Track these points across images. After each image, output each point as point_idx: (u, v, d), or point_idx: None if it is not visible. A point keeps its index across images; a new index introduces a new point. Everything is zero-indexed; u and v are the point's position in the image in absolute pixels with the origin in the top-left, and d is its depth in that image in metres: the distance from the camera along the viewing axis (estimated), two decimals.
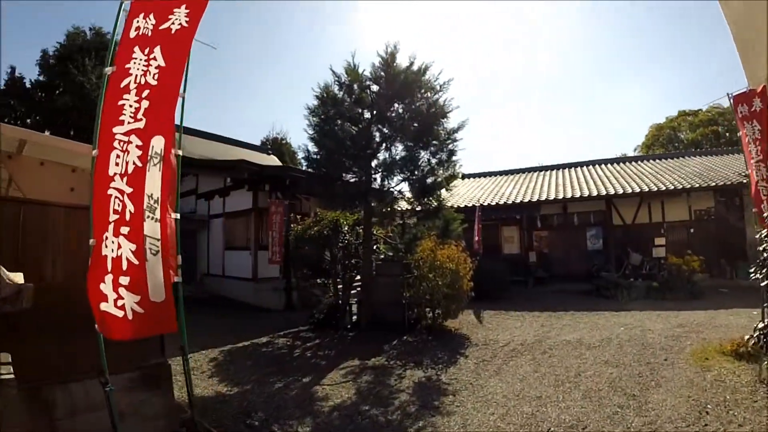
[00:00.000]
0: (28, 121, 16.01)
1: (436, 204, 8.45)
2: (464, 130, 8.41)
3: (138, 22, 3.03)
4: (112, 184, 2.75)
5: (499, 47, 71.72)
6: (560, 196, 15.60)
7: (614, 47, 62.71)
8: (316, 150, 8.91)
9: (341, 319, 9.36)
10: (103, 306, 2.68)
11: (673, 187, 14.09)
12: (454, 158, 8.37)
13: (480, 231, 14.10)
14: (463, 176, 21.91)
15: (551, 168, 20.53)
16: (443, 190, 8.56)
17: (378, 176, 8.92)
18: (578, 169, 19.55)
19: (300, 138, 53.35)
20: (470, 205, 15.76)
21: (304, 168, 11.31)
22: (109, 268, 2.69)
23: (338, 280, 9.89)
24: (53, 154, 4.09)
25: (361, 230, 9.49)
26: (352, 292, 9.97)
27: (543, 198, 15.78)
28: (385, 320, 8.92)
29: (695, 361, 5.92)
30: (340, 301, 9.67)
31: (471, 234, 13.75)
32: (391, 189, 8.86)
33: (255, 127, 67.61)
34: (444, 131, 8.21)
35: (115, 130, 2.82)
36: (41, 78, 16.75)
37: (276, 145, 26.43)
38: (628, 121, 61.60)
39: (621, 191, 14.65)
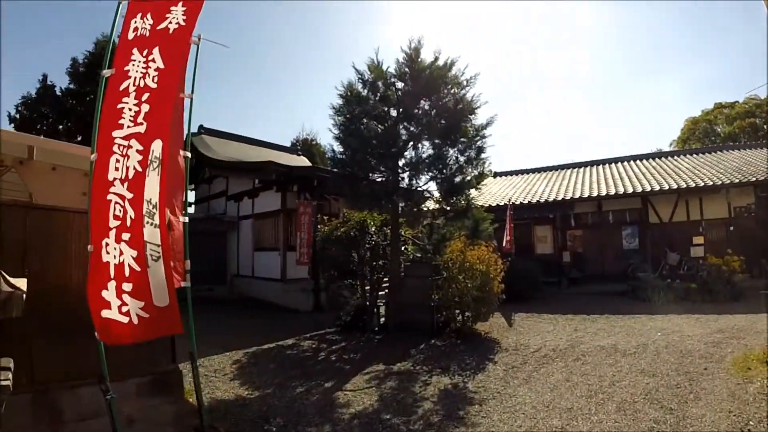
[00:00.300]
0: (60, 128, 16.66)
1: (464, 203, 8.13)
2: (493, 127, 8.09)
3: (136, 22, 2.97)
4: (112, 189, 2.70)
5: (526, 44, 70.06)
6: (594, 194, 14.98)
7: (646, 39, 60.47)
8: (341, 149, 8.76)
9: (368, 321, 9.17)
10: (106, 313, 2.62)
11: (711, 183, 13.29)
12: (483, 156, 8.05)
13: (512, 231, 13.64)
14: (495, 174, 21.40)
15: (585, 165, 19.80)
16: (472, 189, 8.23)
17: (405, 175, 8.69)
18: (613, 165, 18.77)
19: (329, 138, 53.81)
20: (502, 204, 15.31)
21: (330, 168, 11.19)
22: (112, 275, 2.64)
23: (365, 281, 9.71)
24: (64, 159, 4.06)
25: (388, 231, 9.28)
26: (380, 293, 9.77)
27: (577, 196, 15.19)
28: (413, 323, 8.67)
29: (737, 370, 5.47)
30: (367, 303, 9.48)
31: (502, 234, 13.32)
32: (419, 188, 8.60)
33: (285, 129, 68.66)
34: (472, 128, 7.89)
35: (115, 134, 2.76)
36: (72, 86, 17.37)
37: (306, 146, 26.56)
38: (662, 115, 59.08)
39: (657, 188, 13.97)
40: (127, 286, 2.61)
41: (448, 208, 8.34)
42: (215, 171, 16.06)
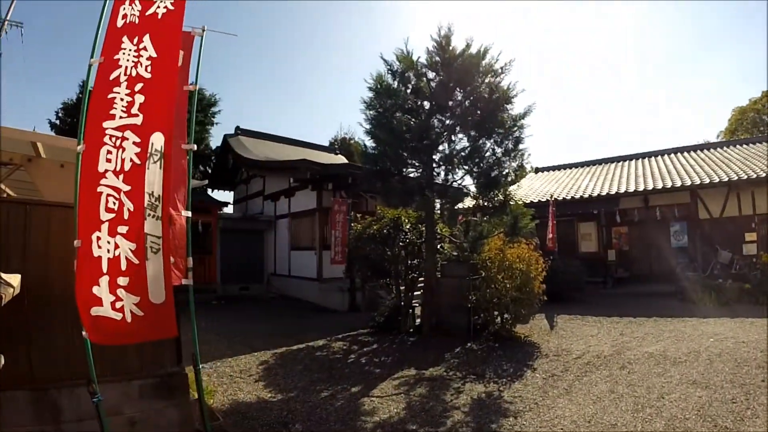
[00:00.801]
0: None
1: (502, 198, 7.59)
2: (531, 117, 7.52)
3: (124, 9, 2.85)
4: (103, 182, 2.59)
5: (566, 35, 67.44)
6: (641, 188, 14.00)
7: (689, 24, 56.70)
8: (373, 145, 8.44)
9: (402, 322, 8.80)
10: (96, 311, 2.50)
11: (765, 175, 12.04)
12: (521, 147, 7.48)
13: (554, 228, 12.88)
14: (537, 170, 20.54)
15: (630, 158, 18.63)
16: (510, 183, 7.68)
17: (440, 170, 8.27)
18: (659, 158, 17.58)
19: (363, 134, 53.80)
20: (544, 199, 14.54)
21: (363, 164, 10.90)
22: (105, 270, 2.52)
23: (400, 281, 9.35)
24: (73, 157, 3.95)
25: (424, 228, 8.87)
26: (415, 293, 9.38)
27: (622, 190, 14.23)
28: (448, 325, 8.23)
29: None
30: (402, 303, 9.12)
31: (545, 231, 12.60)
32: (455, 183, 8.15)
33: (325, 129, 69.47)
34: (509, 118, 7.34)
35: (106, 124, 2.64)
36: None
37: (344, 145, 26.52)
38: (709, 105, 55.31)
39: (707, 180, 12.88)
40: (122, 280, 2.51)
41: (485, 204, 7.82)
42: (251, 171, 16.20)
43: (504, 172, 7.46)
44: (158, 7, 2.83)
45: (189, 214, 3.26)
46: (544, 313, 9.31)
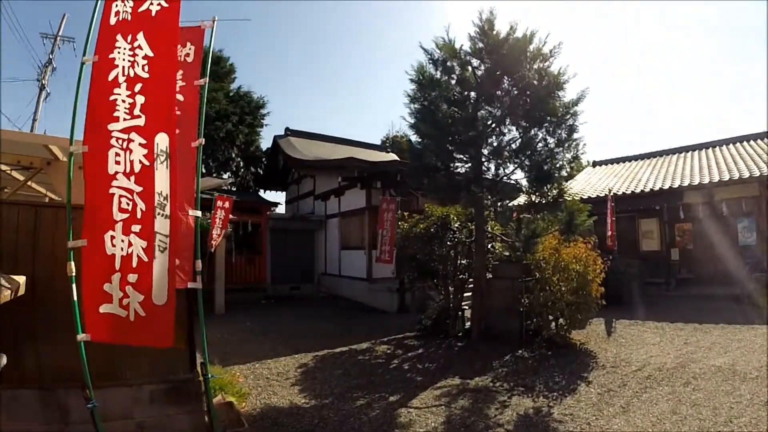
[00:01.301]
0: None
1: (555, 192, 6.92)
2: (586, 106, 6.82)
3: (117, 5, 2.81)
4: (115, 183, 2.63)
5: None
6: (705, 181, 12.53)
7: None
8: (418, 139, 8.05)
9: (451, 326, 8.34)
10: (105, 308, 2.56)
11: None
12: (575, 136, 6.77)
13: (613, 225, 11.82)
14: (595, 163, 19.19)
15: (694, 148, 16.89)
16: (565, 176, 6.99)
17: (489, 164, 7.73)
18: (725, 147, 15.78)
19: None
20: (602, 195, 13.43)
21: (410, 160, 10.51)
22: (118, 267, 2.57)
23: (449, 282, 8.88)
24: None
25: (473, 226, 8.36)
26: (465, 295, 8.87)
27: (685, 183, 12.83)
28: (499, 330, 7.69)
29: None
30: (450, 306, 8.66)
31: (603, 229, 11.61)
32: (505, 177, 7.57)
33: (376, 127, 69.77)
34: (561, 105, 6.67)
35: (111, 127, 2.65)
36: None
37: (395, 143, 26.19)
38: None
39: None
40: (132, 277, 2.59)
41: (538, 200, 7.18)
42: (301, 171, 16.31)
43: (557, 165, 6.79)
44: (151, 3, 2.80)
45: (198, 213, 3.15)
46: (603, 317, 8.57)
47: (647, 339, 7.39)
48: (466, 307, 8.76)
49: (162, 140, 2.69)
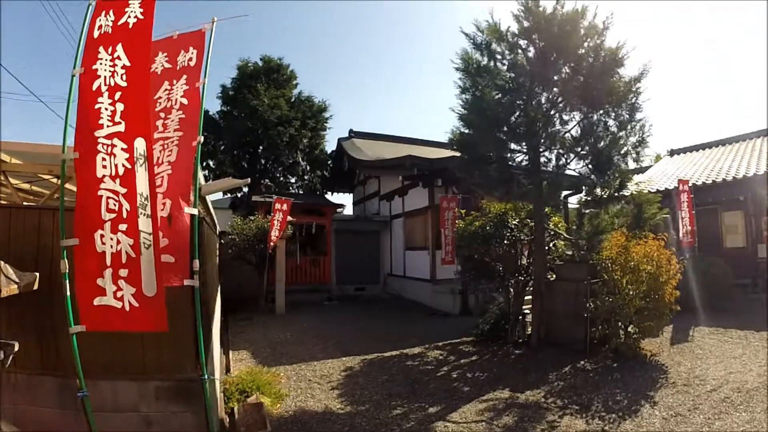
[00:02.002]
0: (221, 144, 19.31)
1: (618, 182, 6.08)
2: (658, 95, 5.92)
3: (101, 20, 3.02)
4: (103, 186, 2.83)
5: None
6: None
7: None
8: (468, 131, 7.56)
9: (510, 332, 7.74)
10: (99, 300, 2.79)
11: None
12: (638, 116, 5.89)
13: (693, 219, 10.31)
14: (672, 152, 17.09)
15: None
16: (631, 164, 6.13)
17: (549, 154, 7.06)
18: None
19: None
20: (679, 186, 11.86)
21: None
22: (109, 263, 2.79)
23: (509, 284, 8.26)
24: None
25: (532, 223, 7.69)
26: (527, 298, 8.20)
27: None
28: (561, 337, 7.00)
29: None
30: (510, 309, 8.05)
31: (681, 224, 10.20)
32: (564, 168, 6.85)
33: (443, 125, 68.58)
34: (621, 83, 5.84)
35: (97, 133, 2.86)
36: (224, 108, 19.97)
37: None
38: None
39: None
40: (123, 272, 2.79)
41: (600, 191, 6.37)
42: (365, 172, 16.29)
43: (622, 151, 5.95)
44: (129, 16, 2.97)
45: (195, 211, 3.17)
46: (681, 323, 7.57)
47: (728, 350, 6.36)
48: (528, 311, 8.09)
49: (140, 144, 2.85)
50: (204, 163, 19.26)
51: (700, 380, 5.20)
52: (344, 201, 19.87)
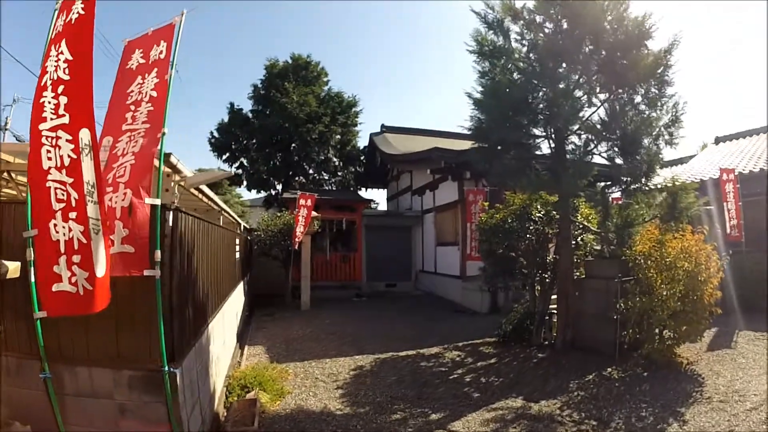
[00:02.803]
0: (254, 142, 19.73)
1: (646, 165, 5.41)
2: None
3: (58, 21, 3.10)
4: (50, 177, 2.90)
5: None
6: None
7: None
8: (485, 117, 7.09)
9: (535, 333, 7.25)
10: (57, 287, 2.88)
11: None
12: (669, 92, 5.22)
13: (739, 211, 9.25)
14: (717, 140, 15.53)
15: None
16: (662, 144, 5.45)
17: (575, 138, 6.51)
18: None
19: None
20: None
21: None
22: (63, 250, 2.88)
23: (535, 282, 7.73)
24: None
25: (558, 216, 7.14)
26: (554, 297, 7.64)
27: None
28: (589, 340, 6.45)
29: None
30: (535, 309, 7.55)
31: (725, 216, 9.21)
32: (590, 154, 6.26)
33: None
34: (650, 55, 5.19)
35: (41, 127, 2.93)
36: (255, 107, 20.29)
37: None
38: None
39: None
40: (76, 258, 2.87)
41: (628, 179, 5.74)
42: (395, 166, 16.01)
43: (653, 133, 5.30)
44: (73, 13, 3.03)
45: (156, 202, 3.18)
46: (722, 327, 6.86)
47: None
48: (555, 311, 7.53)
49: (85, 135, 2.91)
50: (237, 162, 19.74)
51: (739, 396, 4.53)
52: (378, 197, 19.72)
